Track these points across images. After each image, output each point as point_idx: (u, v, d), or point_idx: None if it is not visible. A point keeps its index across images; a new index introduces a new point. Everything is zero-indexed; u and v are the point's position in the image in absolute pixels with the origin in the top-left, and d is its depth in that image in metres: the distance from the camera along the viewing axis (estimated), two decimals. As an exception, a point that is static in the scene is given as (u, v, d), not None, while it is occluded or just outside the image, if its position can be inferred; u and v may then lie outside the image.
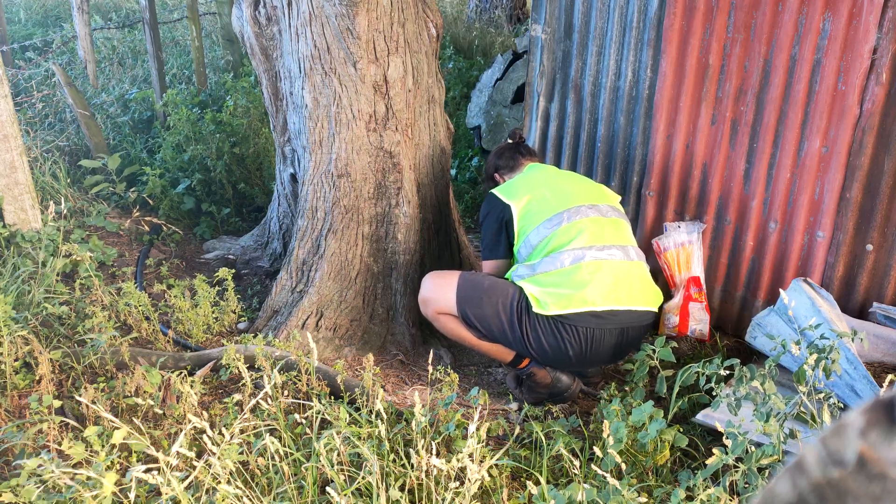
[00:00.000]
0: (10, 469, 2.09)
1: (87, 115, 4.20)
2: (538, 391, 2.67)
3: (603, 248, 2.52)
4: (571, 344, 2.47)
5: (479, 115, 5.24)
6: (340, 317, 3.00)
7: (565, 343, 2.48)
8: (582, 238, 2.51)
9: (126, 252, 3.62)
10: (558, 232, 2.53)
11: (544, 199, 2.63)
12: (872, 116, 2.55)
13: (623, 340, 2.55)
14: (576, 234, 2.52)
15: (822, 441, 0.48)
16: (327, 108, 2.94)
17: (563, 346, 2.48)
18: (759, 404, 1.90)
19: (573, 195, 2.64)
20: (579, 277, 2.46)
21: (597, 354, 2.54)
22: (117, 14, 7.35)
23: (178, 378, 2.24)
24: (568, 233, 2.53)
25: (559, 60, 3.32)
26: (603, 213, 2.63)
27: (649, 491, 2.03)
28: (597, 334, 2.48)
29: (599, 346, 2.51)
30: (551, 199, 2.62)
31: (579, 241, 2.51)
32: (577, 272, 2.47)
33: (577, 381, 2.69)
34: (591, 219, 2.57)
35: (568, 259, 2.49)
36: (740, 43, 2.75)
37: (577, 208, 2.59)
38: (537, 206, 2.62)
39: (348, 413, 2.14)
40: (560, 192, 2.66)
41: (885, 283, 2.70)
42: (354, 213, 3.01)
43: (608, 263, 2.50)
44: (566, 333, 2.47)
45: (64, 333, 2.78)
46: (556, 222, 2.56)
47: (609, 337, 2.51)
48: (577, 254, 2.49)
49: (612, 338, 2.52)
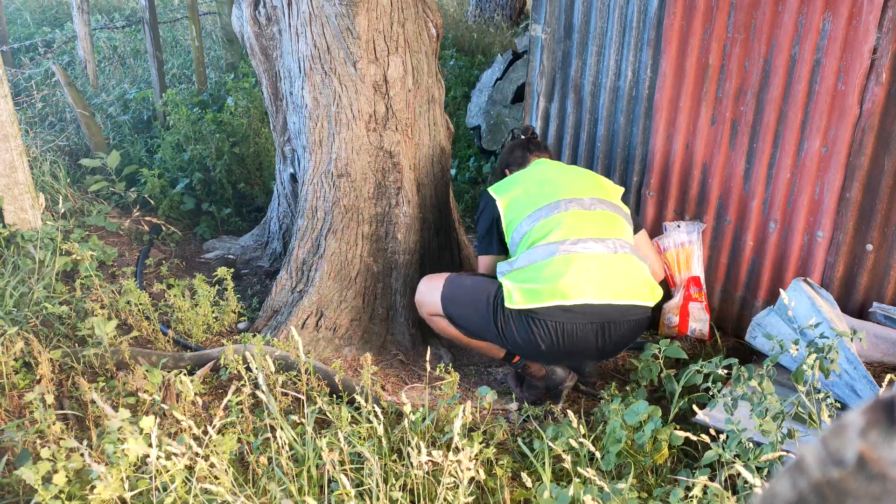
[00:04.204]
0: (10, 469, 2.09)
1: (86, 115, 4.20)
2: (535, 385, 2.68)
3: (577, 242, 2.47)
4: (542, 338, 2.46)
5: (479, 115, 5.24)
6: (340, 317, 3.00)
7: (535, 337, 2.47)
8: (557, 232, 2.49)
9: (126, 252, 3.62)
10: (536, 227, 2.53)
11: (529, 194, 2.62)
12: (872, 116, 2.55)
13: (606, 336, 2.48)
14: (552, 228, 2.50)
15: (821, 441, 0.48)
16: (327, 107, 2.94)
17: (534, 339, 2.48)
18: (755, 404, 1.90)
19: (559, 189, 2.60)
20: (549, 271, 2.44)
21: (574, 349, 2.49)
22: (120, 14, 7.35)
23: (179, 377, 2.24)
24: (545, 227, 2.52)
25: (559, 60, 3.32)
26: (586, 206, 2.56)
27: (649, 490, 2.03)
28: (568, 328, 2.43)
29: (574, 341, 2.46)
30: (536, 194, 2.61)
31: (554, 236, 2.49)
32: (547, 266, 2.45)
33: (571, 375, 2.67)
34: (571, 212, 2.53)
35: (541, 254, 2.48)
36: (740, 43, 2.76)
37: (557, 203, 2.55)
38: (521, 202, 2.61)
39: (348, 413, 2.15)
40: (547, 186, 2.62)
41: (885, 283, 2.70)
42: (354, 213, 3.01)
43: (582, 256, 2.45)
44: (535, 327, 2.46)
45: (64, 333, 2.79)
46: (535, 217, 2.55)
47: (584, 332, 2.45)
48: (551, 248, 2.47)
49: (590, 333, 2.46)
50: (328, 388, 2.49)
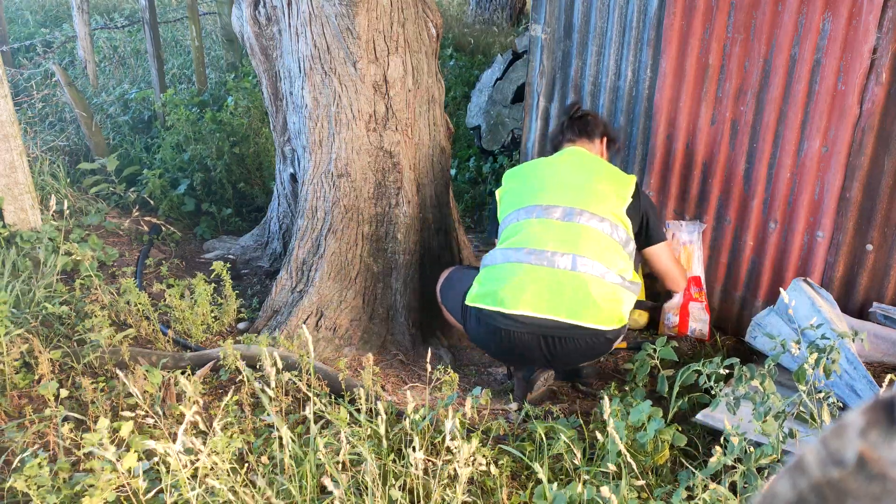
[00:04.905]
0: (11, 469, 2.09)
1: (86, 116, 4.20)
2: (516, 376, 2.67)
3: (532, 252, 2.42)
4: (489, 337, 2.50)
5: (479, 115, 5.24)
6: (340, 317, 3.00)
7: (484, 335, 2.52)
8: (519, 238, 2.48)
9: (126, 252, 3.62)
10: (510, 227, 2.55)
11: (518, 191, 2.62)
12: (872, 116, 2.55)
13: (551, 347, 2.44)
14: (516, 233, 2.50)
15: (821, 441, 0.48)
16: (327, 107, 2.94)
17: (484, 338, 2.53)
18: (757, 403, 1.90)
19: (543, 193, 2.53)
20: (498, 276, 2.47)
21: (519, 354, 2.49)
22: (120, 14, 7.35)
23: (179, 377, 2.24)
24: (514, 230, 2.52)
25: (559, 60, 3.32)
26: (559, 216, 2.46)
27: (650, 490, 2.03)
28: (514, 336, 2.43)
29: (516, 346, 2.45)
30: (524, 192, 2.60)
31: (516, 241, 2.48)
32: (499, 271, 2.47)
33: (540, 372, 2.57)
34: (539, 220, 2.48)
35: (500, 257, 2.51)
36: (740, 43, 2.75)
37: (533, 207, 2.52)
38: (511, 197, 2.63)
39: (348, 412, 2.15)
40: (535, 187, 2.58)
41: (885, 283, 2.70)
42: (354, 213, 3.01)
43: (532, 268, 2.40)
44: (483, 327, 2.50)
45: (64, 333, 2.78)
46: (513, 217, 2.56)
47: (526, 340, 2.43)
48: (508, 253, 2.48)
49: (532, 342, 2.43)
50: (328, 388, 2.49)
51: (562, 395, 2.75)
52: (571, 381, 2.80)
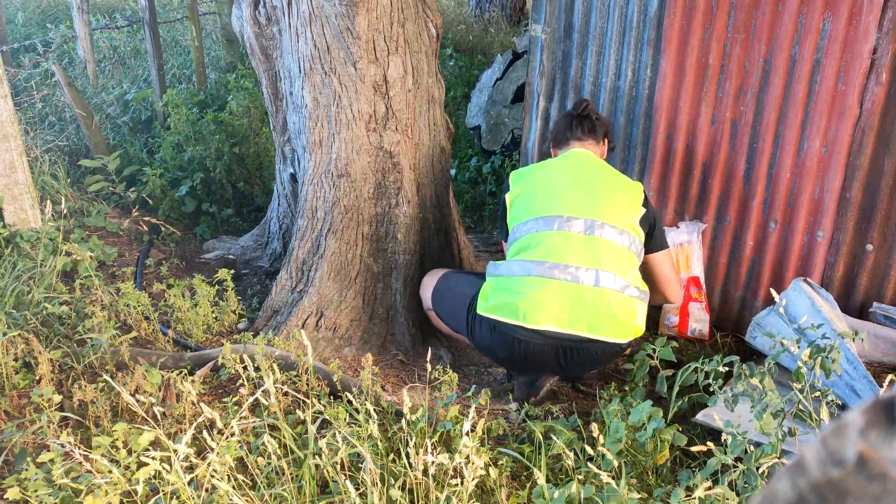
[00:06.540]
0: (11, 469, 2.09)
1: (86, 116, 4.20)
2: (517, 379, 2.66)
3: (555, 266, 2.38)
4: (501, 347, 2.47)
5: (479, 115, 5.24)
6: (340, 317, 2.99)
7: (495, 345, 2.49)
8: (541, 250, 2.41)
9: (126, 252, 3.62)
10: (526, 237, 2.47)
11: (533, 197, 2.53)
12: (872, 116, 2.55)
13: (568, 358, 2.44)
14: (537, 245, 2.43)
15: (821, 441, 0.48)
16: (327, 108, 2.94)
17: (494, 347, 2.51)
18: (755, 401, 1.90)
19: (562, 203, 2.46)
20: (519, 290, 2.40)
21: (532, 364, 2.48)
22: (121, 15, 7.35)
23: (179, 377, 2.24)
24: (532, 241, 2.45)
25: (559, 60, 3.32)
26: (581, 228, 2.42)
27: (649, 490, 2.03)
28: (531, 346, 2.41)
29: (532, 357, 2.43)
30: (540, 200, 2.51)
31: (536, 253, 2.42)
32: (521, 284, 2.41)
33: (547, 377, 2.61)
34: (562, 233, 2.42)
35: (519, 269, 2.43)
36: (740, 43, 2.76)
37: (553, 218, 2.44)
38: (524, 204, 2.54)
39: (347, 413, 2.15)
40: (551, 194, 2.50)
41: (885, 283, 2.70)
42: (354, 213, 3.01)
43: (555, 283, 2.37)
44: (496, 336, 2.46)
45: (64, 333, 2.78)
46: (529, 227, 2.48)
47: (543, 350, 2.42)
48: (528, 266, 2.41)
49: (549, 352, 2.42)
50: (328, 389, 2.49)
51: (562, 395, 2.75)
52: (571, 382, 2.80)
